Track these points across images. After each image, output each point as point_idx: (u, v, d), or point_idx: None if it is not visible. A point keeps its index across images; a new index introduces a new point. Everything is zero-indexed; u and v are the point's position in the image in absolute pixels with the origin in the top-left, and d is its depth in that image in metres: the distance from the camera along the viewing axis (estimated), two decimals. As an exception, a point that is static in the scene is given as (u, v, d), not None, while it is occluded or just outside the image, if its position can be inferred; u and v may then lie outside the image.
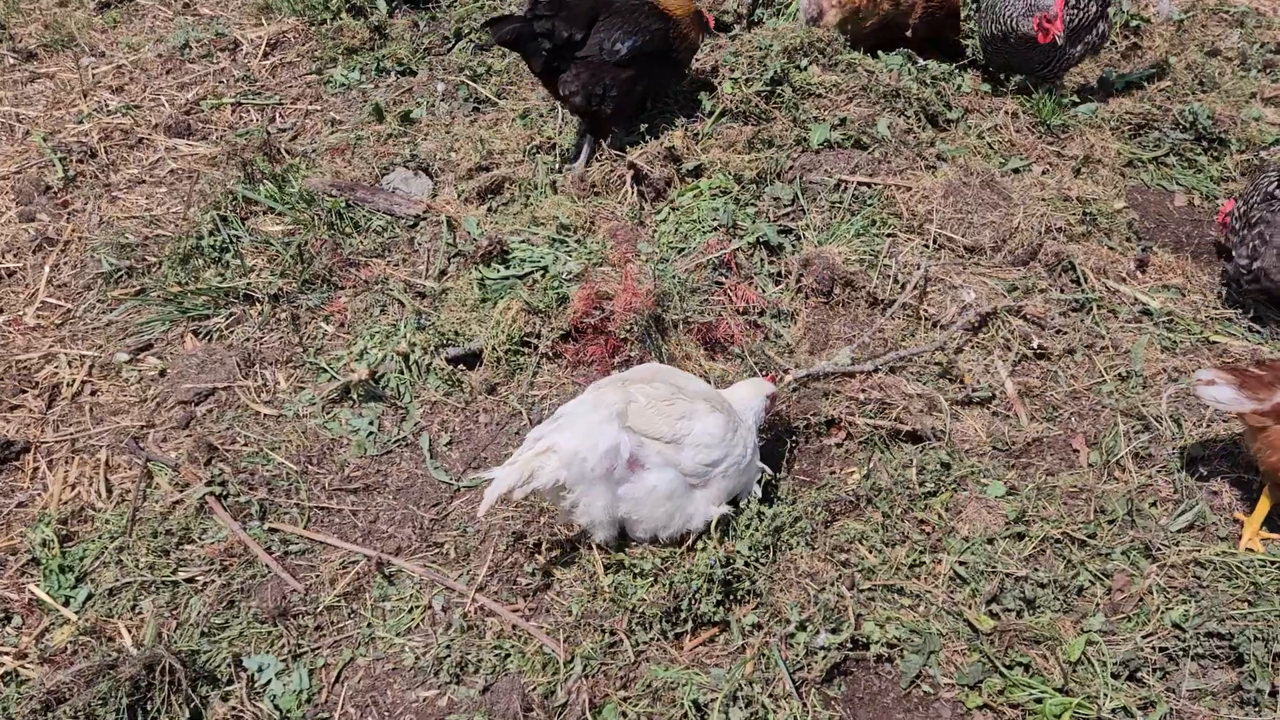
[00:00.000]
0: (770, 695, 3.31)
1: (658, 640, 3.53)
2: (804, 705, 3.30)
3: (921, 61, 5.79)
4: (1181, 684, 3.34)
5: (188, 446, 4.29)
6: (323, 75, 6.57)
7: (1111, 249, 4.92)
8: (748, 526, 3.73)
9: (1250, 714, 3.29)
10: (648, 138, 5.36)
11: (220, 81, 6.60)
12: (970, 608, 3.57)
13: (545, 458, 3.42)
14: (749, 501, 3.78)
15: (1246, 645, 3.35)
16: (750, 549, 3.66)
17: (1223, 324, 4.59)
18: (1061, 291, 4.69)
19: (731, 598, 3.62)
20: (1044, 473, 4.05)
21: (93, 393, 4.63)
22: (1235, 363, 4.30)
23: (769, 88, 5.45)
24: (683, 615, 3.54)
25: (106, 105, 6.38)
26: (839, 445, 4.14)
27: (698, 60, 5.82)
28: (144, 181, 5.82)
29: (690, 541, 3.70)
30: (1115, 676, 3.36)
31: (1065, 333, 4.54)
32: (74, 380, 4.64)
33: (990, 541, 3.77)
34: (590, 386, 3.72)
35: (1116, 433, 4.14)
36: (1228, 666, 3.39)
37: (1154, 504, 3.90)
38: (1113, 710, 3.27)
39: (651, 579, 3.64)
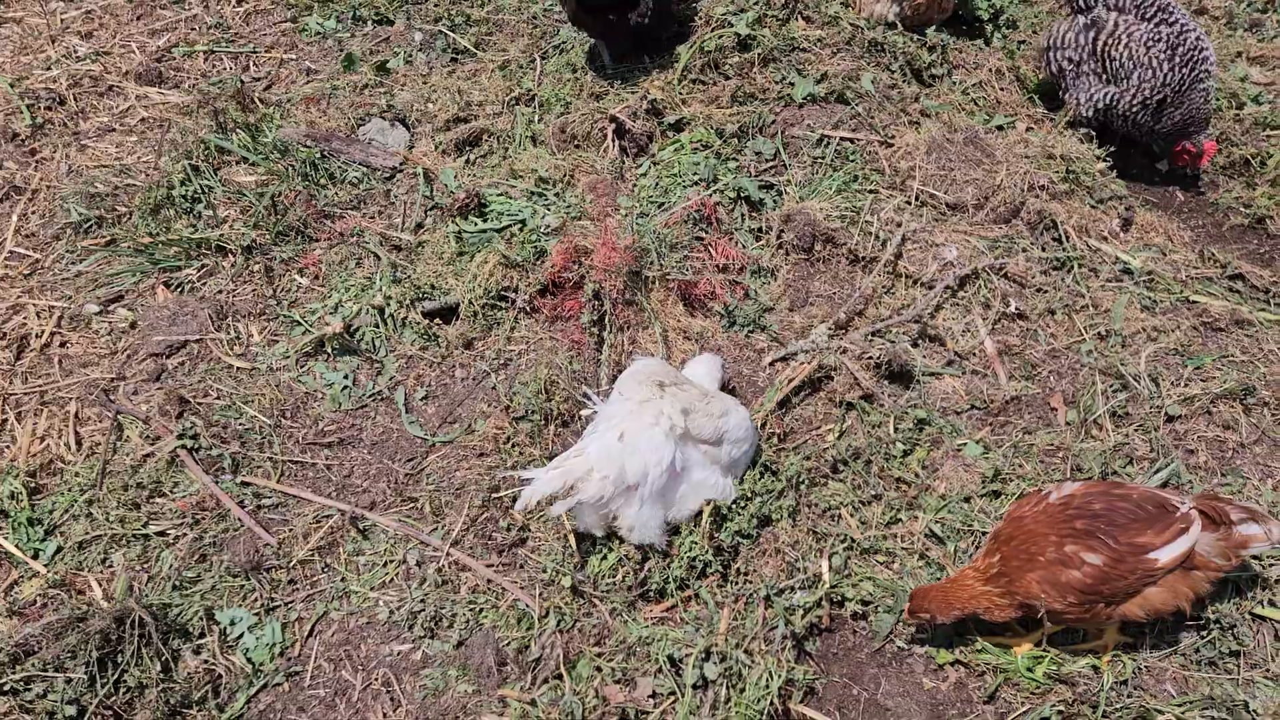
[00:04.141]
0: (745, 651, 3.31)
1: (635, 604, 3.53)
2: (779, 660, 3.31)
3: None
4: (1146, 642, 3.36)
5: (159, 399, 4.23)
6: (298, 23, 6.41)
7: (1094, 208, 4.89)
8: (740, 511, 3.69)
9: (1220, 673, 3.33)
10: (625, 93, 5.26)
11: (192, 28, 6.44)
12: (946, 567, 3.57)
13: (589, 476, 3.34)
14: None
15: (1217, 606, 3.37)
16: (736, 534, 3.64)
17: (1203, 284, 4.58)
18: (1043, 250, 4.66)
19: (709, 571, 3.61)
20: (1021, 431, 4.04)
21: (62, 344, 4.55)
22: None
23: (751, 30, 5.35)
24: (655, 588, 3.55)
25: (75, 51, 6.21)
26: (815, 402, 4.12)
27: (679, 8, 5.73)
28: (114, 130, 5.68)
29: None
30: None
31: (1045, 291, 4.51)
32: (43, 331, 4.56)
33: (967, 500, 3.77)
34: (626, 394, 3.58)
35: (1094, 391, 4.13)
36: (1193, 629, 3.42)
37: (1130, 462, 3.90)
38: (1083, 666, 3.29)
39: (617, 561, 3.60)
